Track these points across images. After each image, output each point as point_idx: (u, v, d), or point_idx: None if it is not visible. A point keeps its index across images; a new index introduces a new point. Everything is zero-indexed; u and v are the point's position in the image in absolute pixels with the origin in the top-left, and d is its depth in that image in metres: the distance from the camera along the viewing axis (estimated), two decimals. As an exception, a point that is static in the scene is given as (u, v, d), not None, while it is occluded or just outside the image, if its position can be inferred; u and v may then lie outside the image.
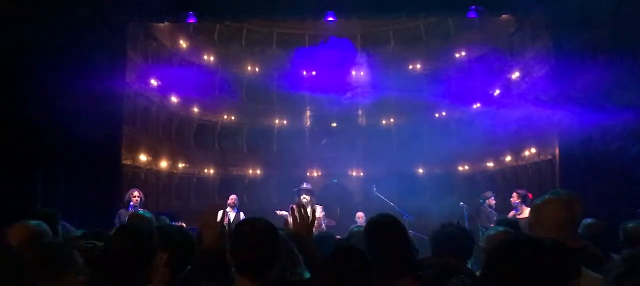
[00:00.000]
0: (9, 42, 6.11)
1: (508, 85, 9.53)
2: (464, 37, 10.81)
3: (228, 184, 11.37)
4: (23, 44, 6.30)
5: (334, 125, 12.50)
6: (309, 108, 12.51)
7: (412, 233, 5.23)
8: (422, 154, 11.36)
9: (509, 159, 9.83)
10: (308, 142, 12.45)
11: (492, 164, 10.47)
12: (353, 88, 11.34)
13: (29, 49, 6.39)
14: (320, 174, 12.23)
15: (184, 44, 10.79)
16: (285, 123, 12.54)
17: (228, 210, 7.67)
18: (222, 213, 8.14)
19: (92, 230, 3.10)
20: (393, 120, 12.48)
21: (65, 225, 3.74)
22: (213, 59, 11.49)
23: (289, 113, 12.46)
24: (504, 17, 9.03)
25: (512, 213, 6.85)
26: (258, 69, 12.05)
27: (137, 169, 9.09)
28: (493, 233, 2.74)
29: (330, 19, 8.10)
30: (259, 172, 12.10)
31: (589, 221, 3.50)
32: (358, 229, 3.38)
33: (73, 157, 6.89)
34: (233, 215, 7.62)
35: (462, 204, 8.15)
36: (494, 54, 9.82)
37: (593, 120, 6.45)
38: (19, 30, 6.27)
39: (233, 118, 12.03)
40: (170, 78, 9.94)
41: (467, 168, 11.35)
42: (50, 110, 6.53)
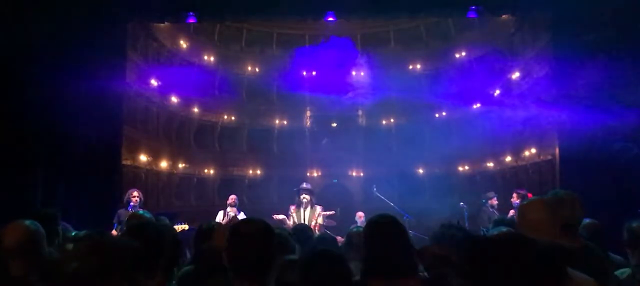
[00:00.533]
0: (9, 42, 6.11)
1: (508, 85, 9.53)
2: (464, 37, 10.81)
3: (228, 184, 11.37)
4: (23, 44, 6.30)
5: (334, 125, 12.49)
6: (309, 108, 12.51)
7: (412, 233, 5.23)
8: (422, 154, 11.35)
9: (509, 159, 9.82)
10: (308, 142, 12.45)
11: (492, 164, 10.46)
12: (354, 88, 11.34)
13: (29, 49, 6.40)
14: (320, 174, 12.23)
15: (184, 44, 10.78)
16: (285, 123, 12.53)
17: (228, 210, 7.67)
18: (222, 213, 8.08)
19: (94, 230, 3.06)
20: (393, 120, 12.47)
21: (64, 225, 3.72)
22: (213, 59, 11.49)
23: (289, 113, 12.45)
24: (504, 17, 9.02)
25: (511, 212, 6.85)
26: (258, 69, 12.05)
27: (137, 169, 9.09)
28: (494, 234, 2.73)
29: (330, 19, 8.10)
30: (259, 172, 12.10)
31: (588, 221, 3.50)
32: (357, 229, 3.37)
33: (73, 157, 6.90)
34: (233, 215, 7.62)
35: (462, 204, 8.15)
36: (494, 54, 9.81)
37: (593, 120, 6.45)
38: (19, 31, 6.27)
39: (233, 118, 12.02)
40: (170, 78, 9.93)
41: (467, 168, 11.35)
42: (51, 110, 6.53)
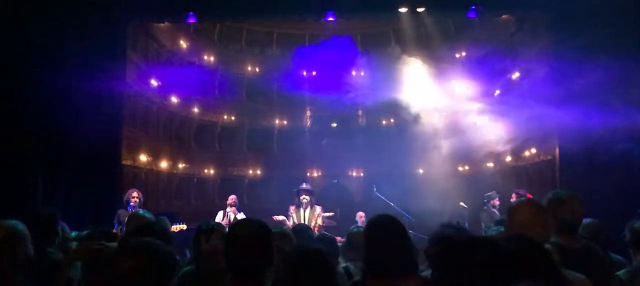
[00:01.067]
0: (9, 42, 6.11)
1: (508, 85, 9.52)
2: (464, 37, 10.79)
3: (228, 184, 11.36)
4: (23, 45, 6.31)
5: (334, 125, 12.49)
6: (309, 108, 12.50)
7: (412, 233, 5.22)
8: (422, 154, 11.33)
9: (509, 159, 9.81)
10: (308, 142, 12.44)
11: (492, 164, 10.46)
12: (354, 88, 11.33)
13: (29, 49, 6.40)
14: (320, 174, 12.23)
15: (184, 44, 10.79)
16: (285, 123, 12.53)
17: (228, 210, 7.66)
18: (222, 213, 8.07)
19: (99, 230, 2.97)
20: (393, 120, 12.47)
21: (62, 225, 3.71)
22: (213, 59, 11.48)
23: (289, 113, 12.45)
24: (504, 17, 9.02)
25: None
26: (258, 69, 12.05)
27: (137, 169, 9.09)
28: (493, 233, 2.74)
29: (330, 19, 8.10)
30: (259, 172, 12.10)
31: (588, 221, 3.50)
32: (357, 229, 3.38)
33: (73, 157, 6.90)
34: (233, 215, 7.62)
35: (462, 204, 8.14)
36: (494, 54, 9.80)
37: (593, 120, 6.45)
38: (19, 31, 6.27)
39: (233, 118, 12.02)
40: (170, 78, 9.93)
41: (467, 168, 11.34)
42: (51, 110, 6.53)
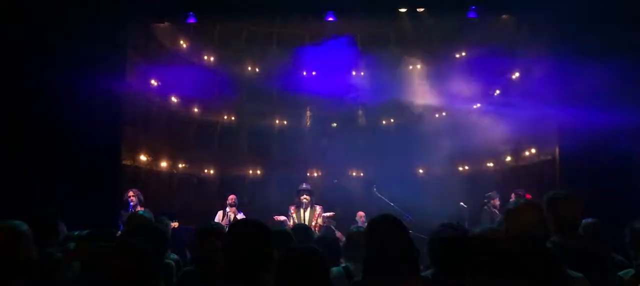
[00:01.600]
0: (9, 42, 6.11)
1: (508, 85, 9.52)
2: (464, 37, 10.78)
3: (228, 184, 11.34)
4: (23, 45, 6.31)
5: (334, 125, 12.48)
6: (309, 108, 12.48)
7: (412, 233, 5.22)
8: (422, 154, 11.33)
9: (509, 159, 9.81)
10: (308, 142, 12.43)
11: (492, 164, 10.45)
12: (354, 88, 11.33)
13: (29, 49, 6.40)
14: (320, 174, 12.21)
15: (184, 44, 10.77)
16: (285, 123, 12.51)
17: (228, 210, 7.67)
18: (221, 213, 8.09)
19: (98, 230, 2.96)
20: (393, 120, 12.45)
21: (60, 225, 3.71)
22: (213, 59, 11.47)
23: (289, 113, 12.43)
24: (504, 17, 9.02)
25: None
26: (258, 69, 12.03)
27: (137, 169, 9.09)
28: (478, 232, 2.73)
29: (330, 19, 8.10)
30: (259, 172, 12.08)
31: (589, 221, 3.51)
32: (357, 229, 3.38)
33: (73, 157, 6.90)
34: (233, 215, 7.62)
35: (462, 204, 8.14)
36: (494, 54, 9.79)
37: (593, 120, 6.45)
38: (19, 31, 6.27)
39: (233, 118, 12.01)
40: (170, 78, 9.92)
41: (467, 168, 11.34)
42: (50, 110, 6.54)
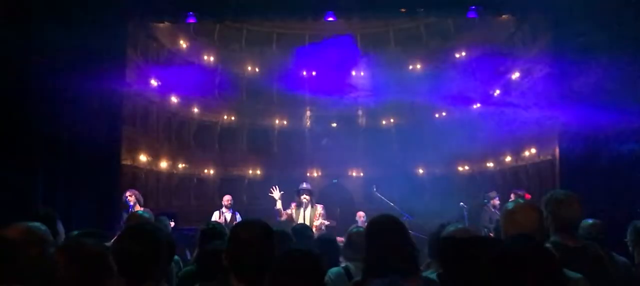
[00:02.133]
0: (9, 42, 6.11)
1: (508, 85, 9.52)
2: (464, 37, 10.79)
3: (228, 184, 11.35)
4: (22, 45, 6.30)
5: (334, 125, 12.49)
6: (309, 108, 12.49)
7: (412, 233, 5.22)
8: (422, 154, 11.34)
9: (509, 159, 9.82)
10: (308, 142, 12.43)
11: (492, 164, 10.46)
12: (354, 88, 11.34)
13: (29, 50, 6.40)
14: (320, 174, 12.22)
15: (184, 44, 10.78)
16: (285, 123, 12.53)
17: (223, 211, 7.66)
18: (218, 213, 8.08)
19: (87, 230, 3.00)
20: (393, 120, 12.47)
21: (58, 224, 3.71)
22: (213, 59, 11.47)
23: (289, 113, 12.44)
24: (504, 17, 9.01)
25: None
26: (258, 69, 12.03)
27: (137, 169, 9.09)
28: (451, 229, 2.74)
29: (330, 19, 8.09)
30: (259, 172, 12.08)
31: (591, 221, 3.51)
32: (357, 229, 3.37)
33: (73, 157, 6.89)
34: (229, 216, 7.62)
35: (462, 204, 8.14)
36: (494, 54, 9.80)
37: (593, 120, 6.44)
38: (19, 31, 6.27)
39: (233, 118, 12.01)
40: (170, 78, 9.93)
41: (467, 168, 11.35)
42: (50, 110, 6.53)
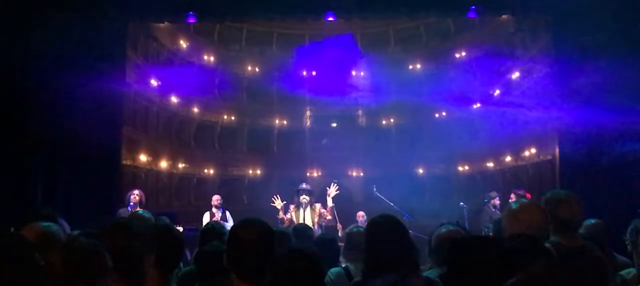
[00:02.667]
0: (9, 42, 6.11)
1: (508, 85, 9.52)
2: (464, 37, 10.79)
3: (228, 184, 11.36)
4: (23, 45, 6.30)
5: (334, 125, 12.49)
6: (309, 108, 12.49)
7: (412, 233, 5.23)
8: (422, 154, 11.35)
9: (509, 159, 9.82)
10: (308, 142, 12.44)
11: (492, 164, 10.46)
12: (354, 88, 11.34)
13: (29, 50, 6.40)
14: (320, 174, 12.21)
15: (184, 44, 10.78)
16: (285, 123, 12.52)
17: (214, 211, 7.63)
18: (208, 214, 8.08)
19: (87, 230, 3.01)
20: (393, 120, 12.47)
21: (62, 223, 3.71)
22: (213, 59, 11.48)
23: (289, 113, 12.44)
24: (504, 17, 9.02)
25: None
26: (258, 69, 12.04)
27: (137, 169, 9.09)
28: (443, 231, 2.75)
29: (330, 19, 8.09)
30: (259, 172, 12.08)
31: (593, 222, 3.51)
32: (357, 229, 3.37)
33: (73, 157, 6.90)
34: (219, 215, 7.57)
35: (462, 204, 8.15)
36: (494, 54, 9.80)
37: (593, 120, 6.45)
38: (20, 31, 6.27)
39: (233, 118, 12.01)
40: (170, 78, 9.93)
41: (467, 168, 11.35)
42: (50, 110, 6.53)
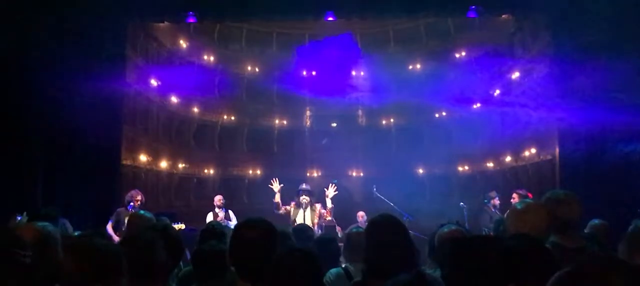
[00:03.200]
0: (10, 42, 6.11)
1: (508, 85, 9.52)
2: (464, 37, 10.79)
3: (228, 184, 11.35)
4: (23, 45, 6.31)
5: (334, 125, 12.49)
6: (309, 108, 12.50)
7: (412, 233, 5.23)
8: (422, 154, 11.35)
9: (509, 159, 9.81)
10: (308, 142, 12.44)
11: (492, 164, 10.46)
12: (354, 88, 11.34)
13: (29, 50, 6.41)
14: (320, 174, 12.21)
15: (184, 44, 10.78)
16: (285, 123, 12.53)
17: (216, 211, 7.66)
18: (212, 214, 8.14)
19: (90, 231, 2.99)
20: (393, 120, 12.47)
21: (64, 224, 3.71)
22: (213, 59, 11.48)
23: (289, 113, 12.44)
24: (504, 17, 9.02)
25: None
26: (258, 69, 12.04)
27: (137, 169, 9.09)
28: (444, 230, 2.76)
29: (330, 19, 8.09)
30: (259, 172, 12.08)
31: (596, 222, 3.52)
32: (357, 229, 3.37)
33: (73, 156, 6.91)
34: (222, 214, 7.61)
35: (462, 204, 8.15)
36: (494, 54, 9.79)
37: (593, 120, 6.45)
38: (20, 31, 6.28)
39: (233, 118, 12.01)
40: (170, 78, 9.93)
41: (467, 168, 11.34)
42: (51, 110, 6.54)
